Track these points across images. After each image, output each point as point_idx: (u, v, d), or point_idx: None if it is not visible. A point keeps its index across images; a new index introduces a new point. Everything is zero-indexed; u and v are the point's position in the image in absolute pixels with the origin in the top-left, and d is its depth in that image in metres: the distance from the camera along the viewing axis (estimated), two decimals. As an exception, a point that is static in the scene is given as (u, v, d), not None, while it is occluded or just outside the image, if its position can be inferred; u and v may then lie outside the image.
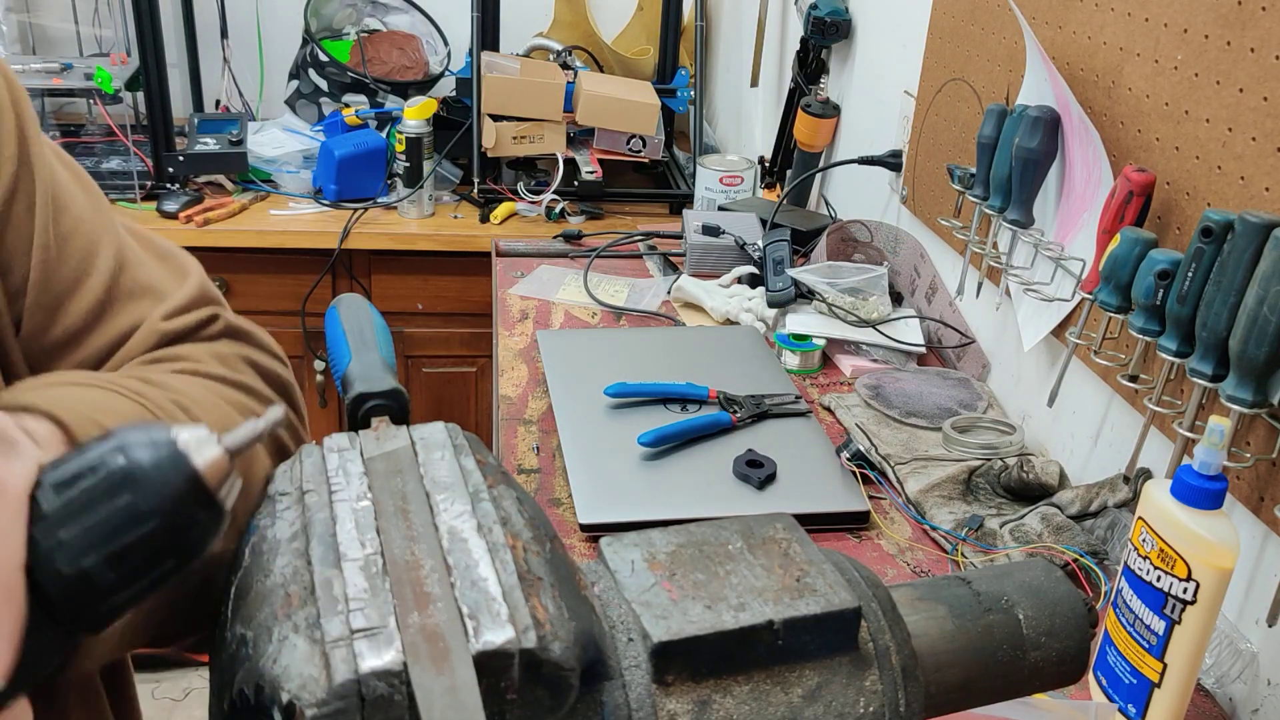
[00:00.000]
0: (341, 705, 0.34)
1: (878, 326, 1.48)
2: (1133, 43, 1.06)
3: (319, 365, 2.43)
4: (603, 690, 0.40)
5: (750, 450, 1.19)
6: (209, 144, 2.28)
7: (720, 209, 2.01)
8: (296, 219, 2.30)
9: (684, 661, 0.41)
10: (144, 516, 0.30)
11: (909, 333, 1.49)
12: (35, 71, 2.20)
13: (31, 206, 0.55)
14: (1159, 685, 0.80)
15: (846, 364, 1.48)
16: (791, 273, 1.56)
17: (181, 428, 0.31)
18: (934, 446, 1.20)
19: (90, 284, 0.57)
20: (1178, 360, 0.91)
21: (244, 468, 0.41)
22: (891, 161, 1.70)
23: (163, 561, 0.31)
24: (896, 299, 1.60)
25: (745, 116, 2.64)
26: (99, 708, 0.64)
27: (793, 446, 1.22)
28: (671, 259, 1.85)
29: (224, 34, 2.72)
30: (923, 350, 1.47)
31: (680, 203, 2.40)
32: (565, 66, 2.60)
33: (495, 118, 2.32)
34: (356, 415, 0.48)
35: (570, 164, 2.37)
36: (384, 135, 2.40)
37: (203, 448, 0.32)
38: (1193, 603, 0.77)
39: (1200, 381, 0.87)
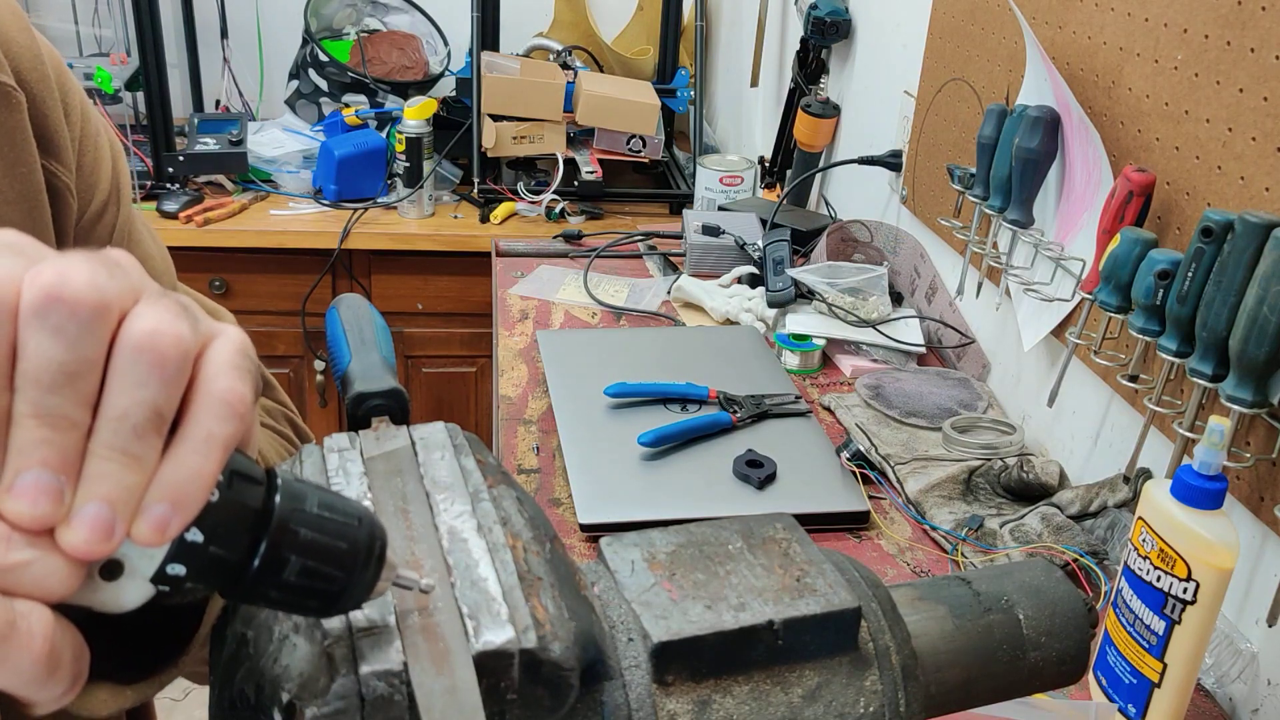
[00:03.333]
0: (341, 705, 0.34)
1: (878, 326, 1.48)
2: (1133, 43, 1.06)
3: (319, 365, 2.43)
4: (603, 690, 0.40)
5: (750, 450, 1.19)
6: (209, 144, 2.28)
7: (720, 209, 2.01)
8: (296, 219, 2.30)
9: (684, 661, 0.41)
10: (341, 566, 0.34)
11: (909, 333, 1.49)
12: (35, 71, 2.20)
13: (111, 233, 0.65)
14: (1159, 685, 0.80)
15: (846, 364, 1.48)
16: (791, 273, 1.56)
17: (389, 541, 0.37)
18: (934, 446, 1.20)
19: None
20: (1178, 360, 0.91)
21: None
22: (891, 161, 1.70)
23: (310, 601, 0.35)
24: (896, 299, 1.61)
25: (745, 116, 2.64)
26: None
27: (793, 446, 1.22)
28: (671, 259, 1.85)
29: (224, 34, 2.72)
30: (923, 350, 1.47)
31: (680, 203, 2.40)
32: (565, 66, 2.60)
33: (495, 118, 2.32)
34: (356, 415, 0.48)
35: (570, 164, 2.37)
36: (384, 135, 2.40)
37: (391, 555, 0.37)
38: (1193, 603, 0.77)
39: (1200, 381, 0.87)
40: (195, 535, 0.32)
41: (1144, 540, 0.80)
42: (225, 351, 0.34)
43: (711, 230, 1.74)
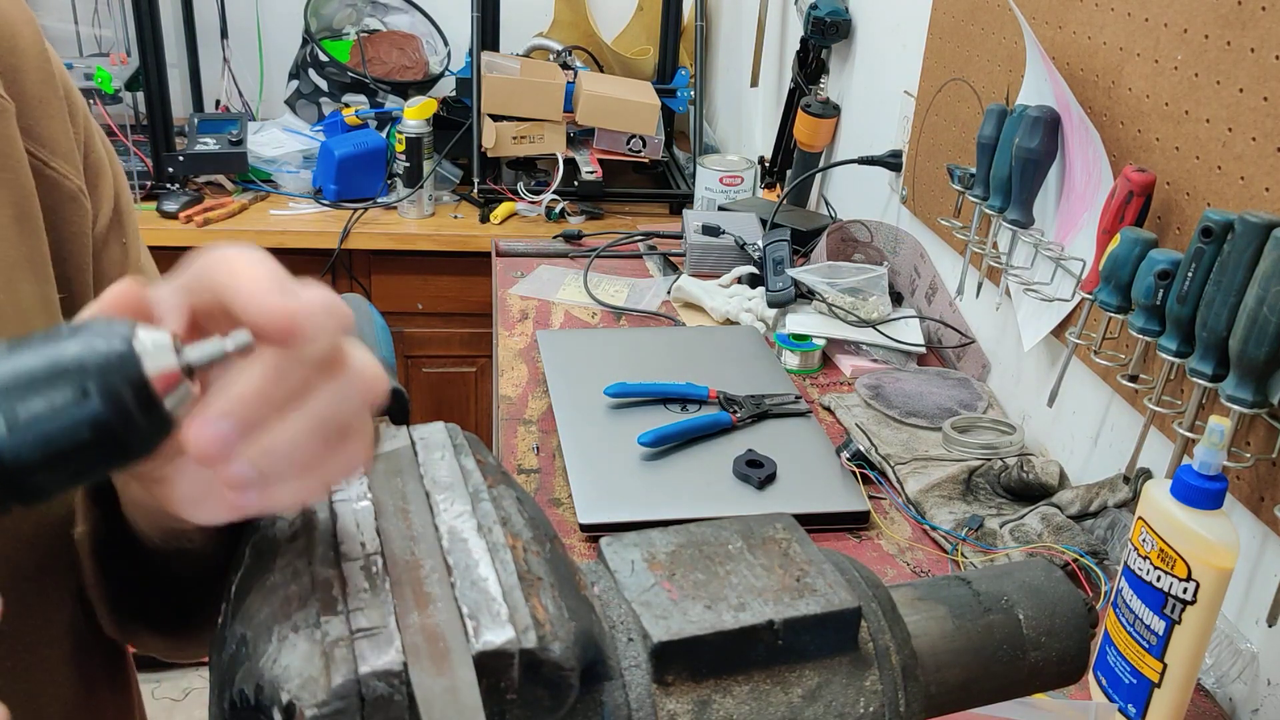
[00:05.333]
0: (341, 705, 0.34)
1: (878, 326, 1.48)
2: (1133, 43, 1.06)
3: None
4: (603, 690, 0.40)
5: (750, 450, 1.19)
6: (209, 144, 2.28)
7: (720, 209, 2.01)
8: (296, 219, 2.30)
9: (684, 661, 0.41)
10: (83, 412, 0.31)
11: (909, 333, 1.49)
12: (35, 71, 2.19)
13: (120, 270, 0.64)
14: (1159, 685, 0.80)
15: (846, 364, 1.48)
16: (791, 273, 1.56)
17: (145, 329, 0.33)
18: (934, 446, 1.20)
19: None
20: (1178, 360, 0.91)
21: None
22: (891, 161, 1.70)
23: (96, 459, 0.32)
24: (896, 299, 1.60)
25: (745, 116, 2.64)
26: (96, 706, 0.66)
27: (793, 446, 1.22)
28: (671, 259, 1.85)
29: (224, 34, 2.72)
30: (923, 350, 1.47)
31: (680, 203, 2.40)
32: (565, 66, 2.60)
33: (495, 118, 2.32)
34: (356, 415, 0.48)
35: (570, 164, 2.37)
36: (384, 135, 2.40)
37: (159, 355, 0.32)
38: (1193, 603, 0.77)
39: (1200, 381, 0.87)
40: None
41: (1144, 540, 0.80)
42: None
43: (711, 230, 1.74)
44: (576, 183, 2.36)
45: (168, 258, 0.73)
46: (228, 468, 0.35)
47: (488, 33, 2.50)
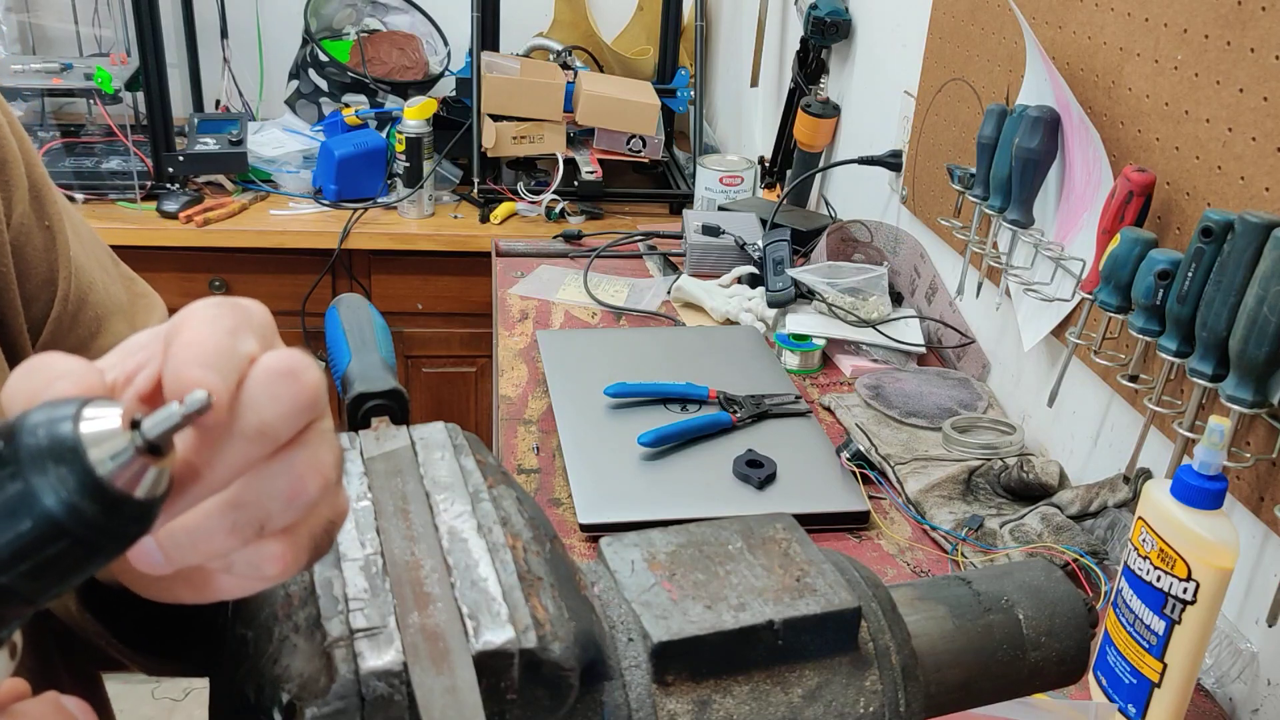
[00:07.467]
0: (341, 705, 0.34)
1: (878, 326, 1.48)
2: (1133, 43, 1.06)
3: (319, 365, 2.43)
4: (603, 690, 0.40)
5: (750, 450, 1.19)
6: (209, 144, 2.28)
7: (720, 209, 2.01)
8: (296, 219, 2.30)
9: (684, 661, 0.41)
10: (51, 539, 0.28)
11: (909, 333, 1.49)
12: (35, 71, 2.20)
13: (50, 237, 0.57)
14: (1159, 685, 0.80)
15: (846, 364, 1.48)
16: (791, 273, 1.56)
17: (90, 414, 0.29)
18: (934, 446, 1.20)
19: (96, 345, 0.61)
20: (1178, 360, 0.91)
21: None
22: (891, 161, 1.70)
23: (85, 566, 0.29)
24: (896, 299, 1.60)
25: (745, 116, 2.64)
26: None
27: (793, 446, 1.22)
28: (671, 259, 1.85)
29: (224, 34, 2.72)
30: (923, 350, 1.47)
31: (680, 203, 2.40)
32: (565, 66, 2.60)
33: (495, 118, 2.32)
34: (356, 415, 0.48)
35: (570, 164, 2.37)
36: (384, 135, 2.40)
37: (110, 445, 0.29)
38: (1193, 603, 0.77)
39: (1200, 381, 0.87)
40: None
41: (1144, 540, 0.80)
42: None
43: (711, 230, 1.74)
44: (576, 183, 2.36)
45: (168, 258, 0.71)
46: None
47: (488, 33, 2.50)
